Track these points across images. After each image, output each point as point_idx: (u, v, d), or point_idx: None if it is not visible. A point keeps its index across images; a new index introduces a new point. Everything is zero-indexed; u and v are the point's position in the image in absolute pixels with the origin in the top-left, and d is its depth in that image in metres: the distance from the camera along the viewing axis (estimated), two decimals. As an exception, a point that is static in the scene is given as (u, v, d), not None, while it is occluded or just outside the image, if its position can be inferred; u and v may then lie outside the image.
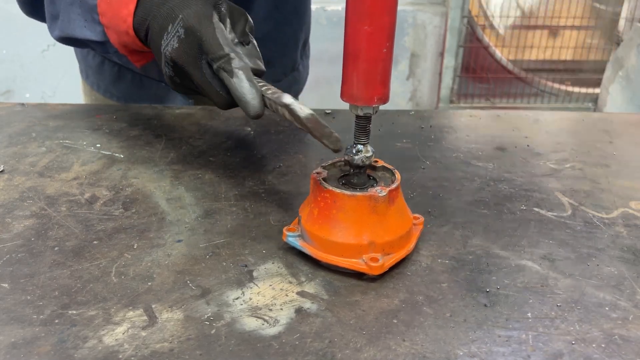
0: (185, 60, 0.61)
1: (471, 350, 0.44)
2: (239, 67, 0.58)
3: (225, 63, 0.58)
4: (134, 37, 0.66)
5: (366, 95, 0.50)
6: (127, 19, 0.65)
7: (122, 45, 0.69)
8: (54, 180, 0.69)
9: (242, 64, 0.59)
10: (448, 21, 3.28)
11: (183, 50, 0.61)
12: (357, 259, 0.52)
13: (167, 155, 0.77)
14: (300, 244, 0.54)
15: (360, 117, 0.53)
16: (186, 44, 0.60)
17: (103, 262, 0.54)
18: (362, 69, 0.49)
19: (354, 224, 0.52)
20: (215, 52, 0.59)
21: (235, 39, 0.63)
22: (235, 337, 0.45)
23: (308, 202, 0.56)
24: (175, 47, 0.61)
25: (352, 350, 0.44)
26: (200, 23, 0.60)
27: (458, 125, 0.92)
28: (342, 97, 0.52)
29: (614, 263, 0.56)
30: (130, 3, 0.65)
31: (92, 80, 1.06)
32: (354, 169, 0.55)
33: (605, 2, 3.42)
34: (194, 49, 0.60)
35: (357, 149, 0.54)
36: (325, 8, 3.16)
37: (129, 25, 0.65)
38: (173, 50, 0.61)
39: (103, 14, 0.68)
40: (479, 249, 0.58)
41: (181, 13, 0.61)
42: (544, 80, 3.60)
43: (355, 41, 0.48)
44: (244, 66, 0.59)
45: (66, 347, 0.43)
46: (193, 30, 0.60)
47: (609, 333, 0.46)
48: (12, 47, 3.05)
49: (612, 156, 0.81)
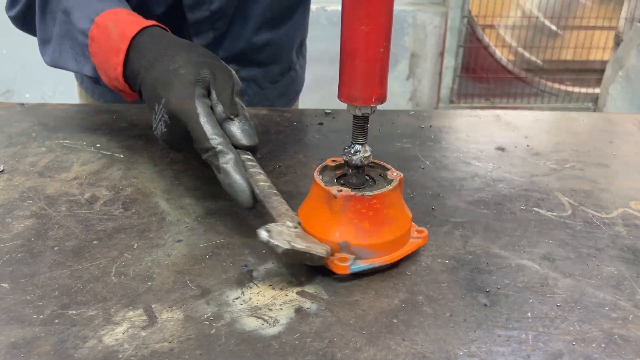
0: (176, 143, 0.61)
1: (471, 350, 0.44)
2: (225, 161, 0.55)
3: (211, 157, 0.56)
4: (125, 85, 0.66)
5: (364, 95, 0.50)
6: (117, 67, 0.65)
7: (112, 86, 0.69)
8: (54, 180, 0.69)
9: (229, 158, 0.55)
10: (448, 21, 3.28)
11: (172, 136, 0.59)
12: None
13: (167, 155, 0.77)
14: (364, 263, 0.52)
15: (358, 117, 0.53)
16: (173, 131, 0.59)
17: (103, 262, 0.54)
18: (361, 69, 0.49)
19: None
20: (201, 144, 0.56)
21: (222, 113, 0.58)
22: (235, 337, 0.45)
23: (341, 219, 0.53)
24: (164, 131, 0.60)
25: (352, 350, 0.44)
26: (182, 110, 0.57)
27: (458, 125, 0.92)
28: (339, 98, 0.52)
29: (614, 263, 0.56)
30: (121, 52, 0.64)
31: (86, 86, 1.06)
32: (352, 169, 0.55)
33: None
34: (182, 135, 0.58)
35: (356, 149, 0.54)
36: (325, 8, 3.16)
37: (118, 73, 0.65)
38: (163, 134, 0.60)
39: (94, 54, 0.68)
40: (479, 248, 0.58)
41: (164, 94, 0.58)
42: (544, 80, 3.60)
43: (352, 41, 0.48)
44: (231, 159, 0.55)
45: (66, 347, 0.43)
46: (177, 118, 0.57)
47: (609, 333, 0.46)
48: (12, 47, 3.05)
49: (612, 156, 0.81)
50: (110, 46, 0.65)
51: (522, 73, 3.58)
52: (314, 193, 0.55)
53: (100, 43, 0.67)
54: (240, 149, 0.58)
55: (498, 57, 3.53)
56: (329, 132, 0.87)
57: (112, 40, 0.65)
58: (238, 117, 0.59)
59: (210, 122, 0.56)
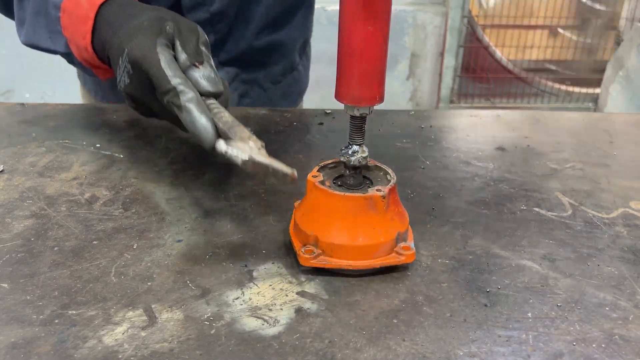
0: (139, 94, 0.60)
1: (471, 350, 0.44)
2: (187, 99, 0.54)
3: (173, 97, 0.55)
4: (93, 54, 0.66)
5: (364, 95, 0.50)
6: (85, 35, 0.65)
7: (82, 59, 0.69)
8: (53, 180, 0.69)
9: (190, 96, 0.55)
10: (448, 21, 3.28)
11: (134, 85, 0.59)
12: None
13: (167, 155, 0.77)
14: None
15: (356, 118, 0.52)
16: (136, 79, 0.59)
17: (103, 262, 0.54)
18: (361, 68, 0.49)
19: None
20: (162, 86, 0.56)
21: (187, 60, 0.58)
22: (235, 337, 0.45)
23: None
24: (127, 82, 0.60)
25: (352, 350, 0.44)
26: (144, 56, 0.57)
27: (458, 125, 0.92)
28: (337, 98, 0.51)
29: (614, 263, 0.56)
30: (89, 20, 0.65)
31: (89, 87, 1.06)
32: (350, 170, 0.55)
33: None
34: (144, 83, 0.58)
35: (353, 150, 0.54)
36: (325, 8, 3.16)
37: (87, 42, 0.65)
38: (126, 86, 0.60)
39: (65, 27, 0.68)
40: (479, 249, 0.57)
41: (127, 46, 0.58)
42: (544, 80, 3.60)
43: (353, 41, 0.48)
44: (192, 98, 0.55)
45: (66, 347, 0.43)
46: (139, 64, 0.57)
47: (609, 333, 0.46)
48: (12, 47, 3.05)
49: (612, 156, 0.81)
50: (79, 15, 0.66)
51: (522, 73, 3.58)
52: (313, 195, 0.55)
53: (71, 14, 0.67)
54: (205, 95, 0.57)
55: (498, 57, 3.53)
56: (329, 132, 0.87)
57: (81, 9, 0.66)
58: (202, 65, 0.59)
59: (172, 66, 0.56)
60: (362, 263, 0.52)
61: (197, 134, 0.53)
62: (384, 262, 0.52)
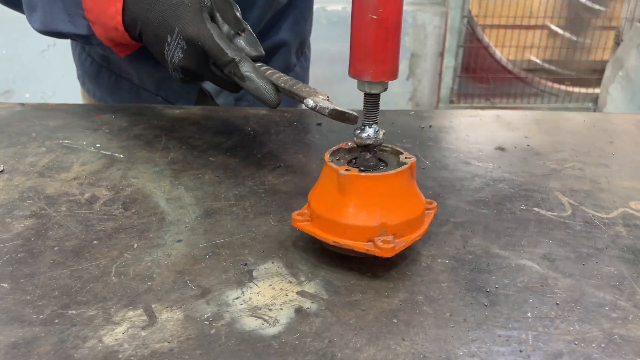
0: (195, 66, 0.65)
1: (471, 350, 0.44)
2: (247, 69, 0.61)
3: (233, 68, 0.62)
4: (124, 33, 0.68)
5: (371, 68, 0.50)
6: (115, 16, 0.66)
7: (109, 39, 0.70)
8: (53, 180, 0.69)
9: (249, 66, 0.62)
10: (448, 21, 3.28)
11: (190, 59, 0.64)
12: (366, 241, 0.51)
13: (167, 155, 0.77)
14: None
15: (369, 95, 0.52)
16: (191, 54, 0.64)
17: (103, 262, 0.54)
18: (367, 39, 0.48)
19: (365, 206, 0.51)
20: (221, 59, 0.62)
21: (230, 31, 0.65)
22: (235, 337, 0.45)
23: None
24: (181, 57, 0.64)
25: (352, 350, 0.44)
26: (198, 33, 0.62)
27: (458, 125, 0.92)
28: (352, 75, 0.51)
29: (613, 263, 0.56)
30: (118, 1, 0.66)
31: (88, 87, 1.06)
32: (362, 150, 0.55)
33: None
34: (200, 57, 0.63)
35: (365, 129, 0.53)
36: (325, 8, 3.16)
37: (118, 22, 0.67)
38: (181, 60, 0.65)
39: (89, 10, 0.69)
40: (479, 248, 0.58)
41: (176, 25, 0.63)
42: (544, 80, 3.60)
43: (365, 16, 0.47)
44: (251, 66, 0.62)
45: (66, 347, 0.43)
46: (194, 41, 0.62)
47: (609, 333, 0.46)
48: (12, 47, 3.05)
49: (612, 156, 0.81)
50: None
51: (522, 73, 3.58)
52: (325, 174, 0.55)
53: None
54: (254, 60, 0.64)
55: (498, 57, 3.53)
56: (328, 132, 0.87)
57: None
58: (244, 32, 0.66)
59: (223, 39, 0.63)
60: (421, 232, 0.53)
61: (262, 97, 0.62)
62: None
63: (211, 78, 0.67)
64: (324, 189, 0.54)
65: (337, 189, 0.52)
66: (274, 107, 0.63)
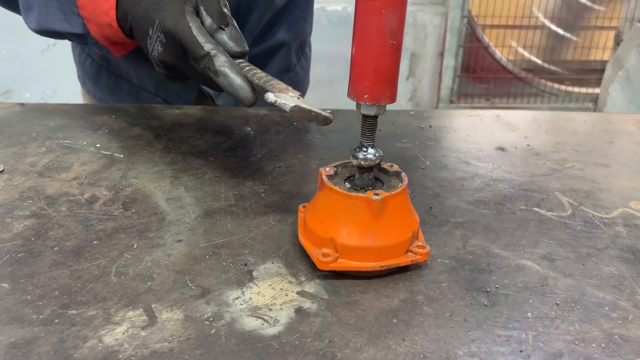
0: (174, 61, 0.63)
1: (471, 349, 0.44)
2: (222, 64, 0.59)
3: (208, 62, 0.59)
4: (117, 29, 0.67)
5: (388, 92, 0.50)
6: (109, 12, 0.66)
7: (103, 37, 0.69)
8: (53, 180, 0.69)
9: (224, 61, 0.59)
10: (448, 21, 3.28)
11: (168, 53, 0.63)
12: None
13: (167, 155, 0.77)
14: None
15: (370, 117, 0.52)
16: (169, 47, 0.62)
17: (103, 262, 0.54)
18: (387, 65, 0.49)
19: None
20: (196, 52, 0.60)
21: (213, 24, 0.63)
22: (235, 337, 0.45)
23: None
24: (160, 51, 0.63)
25: (352, 350, 0.44)
26: (176, 25, 0.60)
27: (458, 125, 0.92)
28: (350, 96, 0.51)
29: (613, 263, 0.56)
30: None
31: (88, 88, 1.06)
32: (360, 171, 0.55)
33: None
34: (178, 50, 0.62)
35: (364, 151, 0.53)
36: (325, 8, 3.16)
37: (111, 18, 0.66)
38: (160, 54, 0.63)
39: (83, 7, 0.68)
40: (479, 248, 0.58)
41: (157, 17, 0.62)
42: (544, 80, 3.60)
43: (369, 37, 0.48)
44: (225, 61, 0.59)
45: (66, 347, 0.43)
46: (171, 33, 0.61)
47: (609, 333, 0.46)
48: (12, 47, 3.05)
49: (612, 156, 0.81)
50: None
51: (522, 73, 3.58)
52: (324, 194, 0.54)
53: None
54: (234, 57, 0.61)
55: (498, 57, 3.53)
56: (329, 132, 0.87)
57: None
58: (228, 27, 0.63)
59: (202, 32, 0.60)
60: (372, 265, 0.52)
61: (235, 94, 0.59)
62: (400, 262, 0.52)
63: (192, 74, 0.65)
64: (345, 220, 0.52)
65: (369, 214, 0.51)
66: (248, 106, 0.60)
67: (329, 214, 0.53)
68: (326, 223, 0.53)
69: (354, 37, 0.49)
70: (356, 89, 0.50)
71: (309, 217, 0.55)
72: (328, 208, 0.53)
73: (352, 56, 0.50)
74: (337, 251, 0.52)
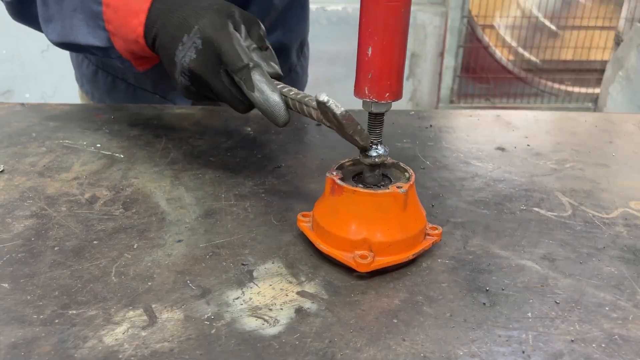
0: (204, 70, 0.61)
1: (471, 350, 0.44)
2: (259, 79, 0.58)
3: (245, 75, 0.59)
4: (144, 46, 0.66)
5: (396, 89, 0.51)
6: (137, 28, 0.65)
7: (128, 52, 0.69)
8: (54, 180, 0.69)
9: (262, 75, 0.59)
10: (448, 21, 3.28)
11: (201, 61, 0.61)
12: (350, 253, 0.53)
13: (167, 155, 0.77)
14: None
15: (377, 115, 0.53)
16: (205, 55, 0.60)
17: (103, 262, 0.54)
18: (403, 63, 0.50)
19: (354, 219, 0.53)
20: (235, 63, 0.59)
21: (252, 44, 0.63)
22: (235, 337, 0.45)
23: None
24: (193, 57, 0.61)
25: (352, 350, 0.44)
26: (217, 33, 0.60)
27: (458, 125, 0.92)
28: (357, 95, 0.52)
29: (614, 263, 0.56)
30: (141, 13, 0.65)
31: (86, 89, 1.06)
32: (367, 168, 0.55)
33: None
34: (213, 60, 0.60)
35: (375, 148, 0.54)
36: (325, 8, 3.16)
37: (139, 34, 0.65)
38: (191, 61, 0.61)
39: (109, 21, 0.68)
40: (479, 249, 0.58)
41: (197, 24, 0.61)
42: (544, 80, 3.60)
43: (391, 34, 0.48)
44: (265, 77, 0.59)
45: (66, 347, 0.43)
46: (211, 40, 0.60)
47: (609, 333, 0.46)
48: (12, 47, 3.05)
49: (612, 156, 0.81)
50: (129, 9, 0.66)
51: (522, 73, 3.58)
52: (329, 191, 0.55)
53: (117, 8, 0.67)
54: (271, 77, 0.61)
55: (498, 57, 3.53)
56: (329, 132, 0.87)
57: (130, 2, 0.66)
58: (267, 50, 0.64)
59: (242, 47, 0.60)
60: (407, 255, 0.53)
61: (269, 110, 0.58)
62: (424, 246, 0.55)
63: (218, 87, 0.62)
64: (377, 218, 0.52)
65: (397, 208, 0.52)
66: (281, 126, 0.59)
67: (356, 215, 0.53)
68: (356, 225, 0.53)
69: (368, 37, 0.49)
70: (377, 89, 0.51)
71: (328, 224, 0.54)
72: (355, 210, 0.53)
73: (368, 57, 0.50)
74: (372, 250, 0.52)
